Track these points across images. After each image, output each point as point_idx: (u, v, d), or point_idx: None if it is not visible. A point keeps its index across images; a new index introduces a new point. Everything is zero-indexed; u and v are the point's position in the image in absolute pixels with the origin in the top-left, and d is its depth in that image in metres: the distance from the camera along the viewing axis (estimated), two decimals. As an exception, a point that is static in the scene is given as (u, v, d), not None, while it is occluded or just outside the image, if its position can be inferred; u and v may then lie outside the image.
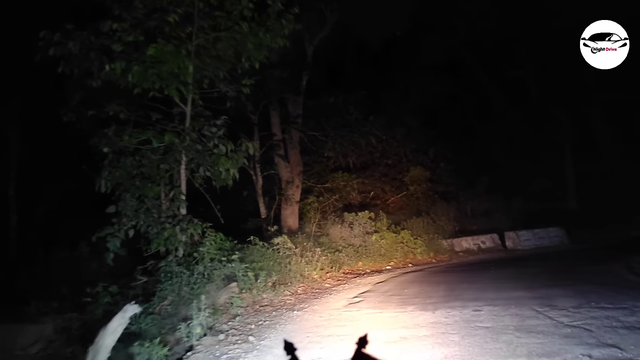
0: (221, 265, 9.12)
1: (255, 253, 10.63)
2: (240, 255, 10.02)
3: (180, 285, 8.41)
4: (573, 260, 13.10)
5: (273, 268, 10.44)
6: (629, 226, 19.79)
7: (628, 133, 24.79)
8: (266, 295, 9.38)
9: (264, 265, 10.21)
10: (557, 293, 8.15)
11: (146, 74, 8.76)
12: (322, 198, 18.04)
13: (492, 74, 25.36)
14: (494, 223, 22.47)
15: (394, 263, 15.39)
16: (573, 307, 7.08)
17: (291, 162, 17.43)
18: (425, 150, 25.59)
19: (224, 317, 7.88)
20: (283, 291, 9.84)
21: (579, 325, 6.15)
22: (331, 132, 16.15)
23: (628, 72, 20.76)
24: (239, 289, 8.93)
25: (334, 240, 16.39)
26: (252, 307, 8.70)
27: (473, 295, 8.60)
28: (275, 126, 17.25)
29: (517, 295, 8.26)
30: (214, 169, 10.35)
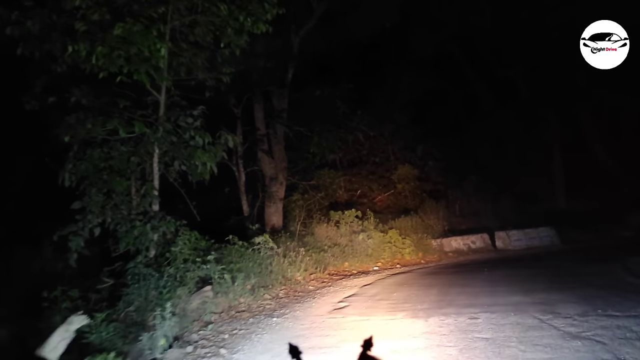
0: (195, 267, 8.30)
1: (233, 253, 9.81)
2: (217, 255, 9.21)
3: (147, 289, 7.57)
4: (567, 261, 12.49)
5: (253, 270, 9.63)
6: (620, 226, 19.36)
7: (616, 133, 24.45)
8: (244, 299, 8.58)
9: (242, 267, 9.39)
10: (558, 298, 7.49)
11: (112, 56, 7.89)
12: (307, 196, 17.24)
13: (482, 73, 24.79)
14: (482, 222, 21.87)
15: (381, 264, 14.67)
16: (579, 314, 6.42)
17: (275, 158, 16.61)
18: (414, 148, 24.93)
19: (195, 325, 7.08)
20: (263, 295, 9.05)
21: (589, 336, 5.48)
22: (317, 127, 15.35)
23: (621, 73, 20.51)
24: (213, 293, 8.12)
25: (320, 239, 15.63)
26: (227, 313, 7.90)
27: (467, 300, 7.90)
28: (259, 120, 16.40)
29: (515, 300, 7.58)
30: (190, 163, 9.53)
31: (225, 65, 10.43)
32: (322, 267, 12.79)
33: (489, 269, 11.79)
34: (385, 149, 24.47)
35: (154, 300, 7.44)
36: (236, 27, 9.84)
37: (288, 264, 11.35)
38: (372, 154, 24.38)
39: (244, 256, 9.83)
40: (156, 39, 8.31)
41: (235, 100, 16.08)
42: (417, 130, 24.23)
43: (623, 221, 19.72)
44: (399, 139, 24.39)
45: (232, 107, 16.01)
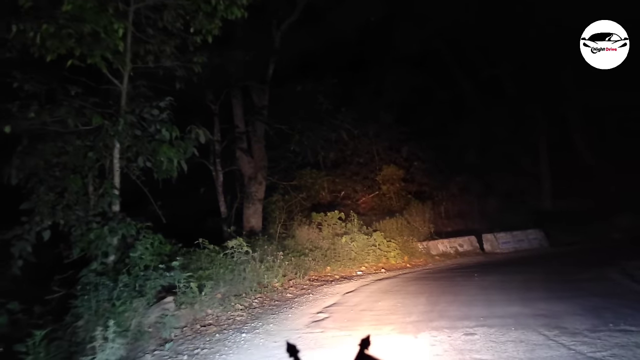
0: (157, 275, 7.30)
1: (203, 259, 8.83)
2: (184, 261, 8.23)
3: (98, 301, 6.55)
4: (561, 266, 11.73)
5: (224, 277, 8.65)
6: (608, 228, 18.81)
7: (603, 133, 23.96)
8: (212, 310, 7.59)
9: (212, 274, 8.42)
10: (561, 309, 6.67)
11: (60, 35, 6.87)
12: (288, 196, 16.26)
13: (468, 71, 24.11)
14: (469, 224, 21.20)
15: (365, 268, 13.80)
16: (588, 329, 5.59)
17: (255, 157, 15.64)
18: (399, 149, 24.17)
19: (150, 343, 6.09)
20: (234, 305, 8.07)
21: (606, 357, 4.63)
22: (298, 124, 14.41)
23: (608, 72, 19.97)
24: (176, 305, 7.12)
25: (301, 242, 14.71)
26: (191, 328, 6.91)
27: (460, 311, 7.02)
28: (237, 117, 15.42)
29: (514, 311, 6.73)
30: (155, 159, 8.53)
31: (196, 54, 9.45)
32: (302, 272, 11.86)
33: (480, 274, 10.98)
34: (370, 149, 23.66)
35: (106, 313, 6.43)
36: (208, 11, 8.88)
37: (265, 270, 10.39)
38: (356, 154, 23.55)
39: (214, 262, 8.85)
40: (112, 17, 7.30)
41: (212, 96, 15.10)
42: (402, 130, 23.47)
43: (611, 222, 19.17)
44: (384, 139, 23.59)
45: (209, 103, 15.02)
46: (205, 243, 9.17)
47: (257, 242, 12.14)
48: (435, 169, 24.01)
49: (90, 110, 7.65)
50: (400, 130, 23.33)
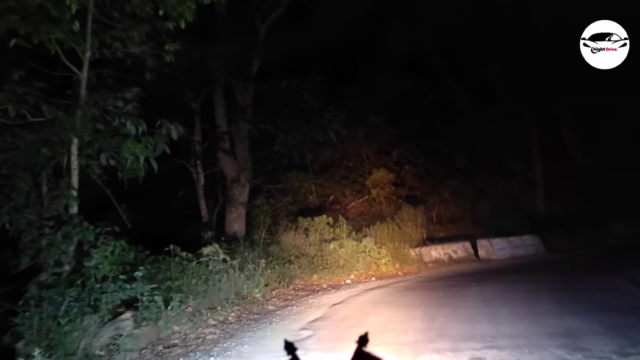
0: (116, 287, 6.29)
1: (173, 268, 7.80)
2: (151, 271, 7.24)
3: (42, 319, 5.53)
4: (564, 274, 10.86)
5: (196, 288, 7.64)
6: (604, 234, 18.09)
7: (595, 136, 23.31)
8: (179, 327, 6.57)
9: (183, 285, 7.40)
10: (578, 326, 5.76)
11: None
12: (273, 200, 15.25)
13: (459, 73, 23.35)
14: (462, 229, 20.36)
15: (354, 276, 12.85)
16: (616, 352, 4.71)
17: (238, 158, 14.64)
18: (389, 152, 23.33)
19: (99, 371, 5.07)
20: (206, 320, 7.05)
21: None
22: (283, 123, 13.45)
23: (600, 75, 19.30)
24: (136, 322, 6.09)
25: (286, 249, 13.74)
26: (151, 350, 5.87)
27: (463, 328, 6.09)
28: (219, 116, 14.43)
29: (524, 329, 5.82)
30: (120, 156, 7.53)
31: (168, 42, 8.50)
32: (286, 281, 10.91)
33: (478, 283, 10.07)
34: (359, 152, 22.79)
35: (50, 333, 5.41)
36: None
37: (245, 279, 9.40)
38: (345, 158, 22.68)
39: (186, 271, 7.82)
40: (63, -11, 6.32)
41: (192, 94, 14.12)
42: (392, 132, 22.65)
43: (606, 228, 18.45)
44: (374, 142, 22.74)
45: (189, 102, 14.04)
46: (176, 250, 8.14)
47: (237, 249, 11.15)
48: (426, 172, 23.22)
49: (34, 96, 6.61)
50: (390, 133, 22.51)
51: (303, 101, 13.33)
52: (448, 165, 23.45)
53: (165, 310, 6.52)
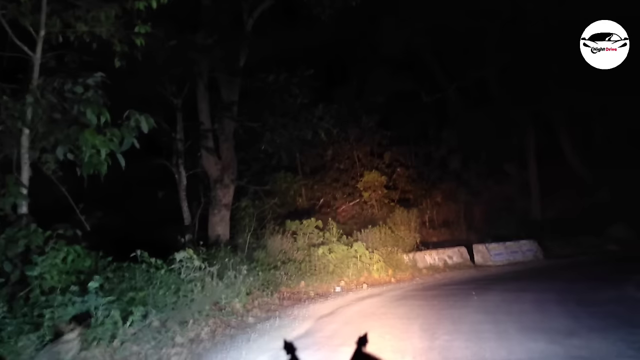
0: (65, 300, 5.31)
1: (138, 276, 6.79)
2: (111, 281, 6.25)
3: (-35, 341, 4.54)
4: (569, 282, 9.96)
5: (164, 299, 6.63)
6: (602, 239, 17.31)
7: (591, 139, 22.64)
8: (140, 347, 5.55)
9: (147, 296, 6.40)
10: (604, 348, 4.88)
11: None
12: (259, 202, 14.24)
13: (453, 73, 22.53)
14: (455, 234, 19.54)
15: (345, 283, 11.90)
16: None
17: (222, 158, 13.66)
18: (381, 154, 22.47)
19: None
20: (173, 337, 6.05)
21: None
22: (270, 120, 12.48)
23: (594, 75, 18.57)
24: (84, 342, 5.10)
25: (273, 253, 12.79)
26: (101, 377, 4.90)
27: (468, 348, 5.15)
28: (203, 113, 13.43)
29: (541, 350, 4.90)
30: (79, 150, 6.54)
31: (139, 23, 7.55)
32: (271, 289, 9.95)
33: (478, 292, 9.17)
34: (351, 154, 21.92)
35: (-25, 359, 4.42)
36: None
37: (224, 287, 8.43)
38: (336, 160, 21.80)
39: (152, 280, 6.81)
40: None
41: (174, 88, 13.13)
42: (384, 134, 21.80)
43: (604, 233, 17.67)
44: (365, 144, 21.88)
45: (170, 97, 13.05)
46: (144, 256, 7.14)
47: (218, 254, 10.17)
48: (419, 175, 22.39)
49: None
50: (382, 135, 21.65)
51: (291, 96, 12.37)
52: (441, 168, 22.67)
53: (123, 327, 5.53)
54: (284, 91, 12.19)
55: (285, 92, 12.19)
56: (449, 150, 22.59)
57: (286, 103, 12.40)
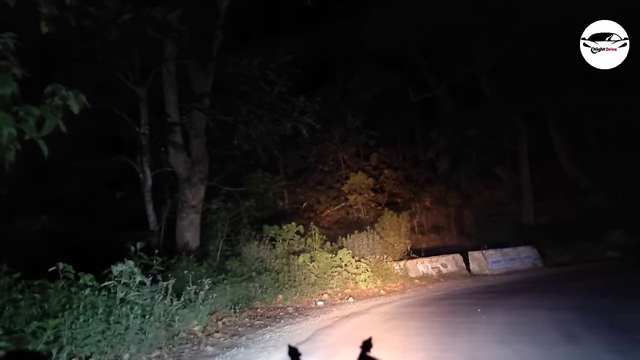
0: None
1: (53, 299, 5.06)
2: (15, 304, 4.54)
3: None
4: (584, 296, 8.42)
5: (86, 329, 4.91)
6: (602, 245, 15.93)
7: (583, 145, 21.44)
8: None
9: (61, 325, 4.68)
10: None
11: None
12: (232, 204, 12.49)
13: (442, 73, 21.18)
14: (446, 240, 18.07)
15: (328, 296, 10.29)
16: None
17: (193, 156, 11.98)
18: (367, 156, 20.98)
19: None
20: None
21: None
22: (243, 110, 10.79)
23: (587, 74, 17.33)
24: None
25: (248, 262, 11.12)
26: None
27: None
28: (170, 104, 11.73)
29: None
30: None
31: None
32: (241, 306, 8.30)
33: (483, 308, 7.60)
34: (336, 155, 20.41)
35: None
36: None
37: (180, 307, 6.75)
38: (320, 162, 20.25)
39: (72, 302, 5.09)
40: None
41: (138, 76, 11.44)
42: (371, 134, 20.32)
43: (602, 239, 16.31)
44: (351, 145, 20.37)
45: (131, 86, 11.34)
46: (67, 270, 5.41)
47: (179, 264, 8.48)
48: (407, 178, 20.93)
49: None
50: (369, 135, 20.16)
51: (267, 84, 10.71)
52: (431, 170, 21.25)
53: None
54: (259, 78, 10.52)
55: (260, 79, 10.52)
56: (438, 152, 21.17)
57: (262, 92, 10.73)
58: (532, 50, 18.53)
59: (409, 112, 22.51)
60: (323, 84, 19.33)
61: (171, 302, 6.72)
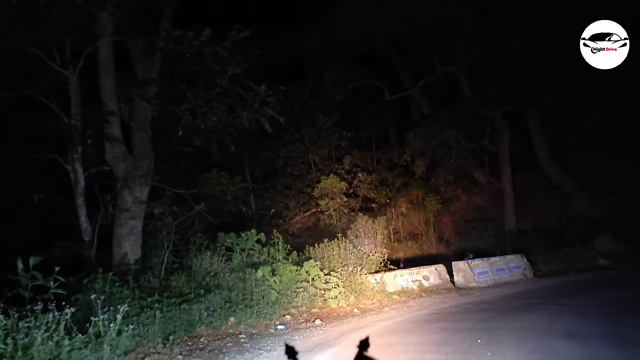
0: None
1: None
2: None
3: None
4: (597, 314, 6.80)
5: None
6: (591, 252, 14.53)
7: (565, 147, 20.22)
8: None
9: None
10: None
11: None
12: (179, 209, 10.40)
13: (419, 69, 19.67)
14: (423, 247, 16.38)
15: (291, 317, 8.39)
16: None
17: (135, 152, 9.96)
18: (340, 158, 19.23)
19: None
20: None
21: None
22: (188, 96, 8.78)
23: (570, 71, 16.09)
24: None
25: (198, 277, 9.17)
26: None
27: None
28: (106, 91, 9.66)
29: None
30: None
31: None
32: (177, 336, 6.34)
33: (483, 333, 5.86)
34: (306, 158, 18.57)
35: None
36: None
37: (80, 346, 4.76)
38: (289, 164, 18.39)
39: None
40: None
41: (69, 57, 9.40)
42: (344, 136, 18.60)
43: (590, 246, 14.90)
44: (322, 147, 18.58)
45: (59, 68, 9.29)
46: None
47: (94, 285, 6.46)
48: (382, 182, 19.25)
49: None
50: (341, 136, 18.43)
51: (218, 63, 8.75)
52: (407, 174, 19.62)
53: None
54: (208, 56, 8.57)
55: (209, 57, 8.58)
56: (414, 154, 19.56)
57: (211, 73, 8.78)
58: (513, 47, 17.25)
59: (383, 113, 20.96)
60: (292, 81, 17.57)
61: (66, 341, 4.73)
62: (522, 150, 18.65)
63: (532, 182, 18.71)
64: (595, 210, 16.80)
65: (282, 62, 18.31)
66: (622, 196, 15.63)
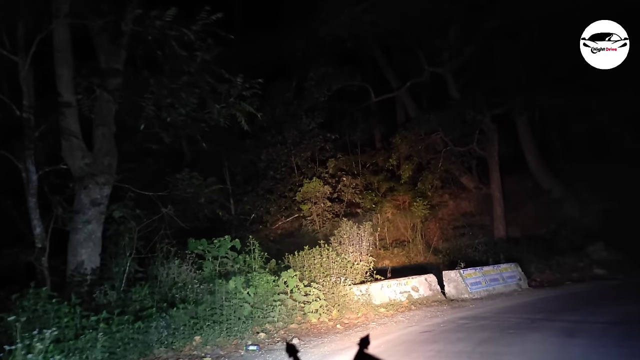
0: None
1: None
2: None
3: None
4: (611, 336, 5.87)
5: None
6: (585, 260, 13.72)
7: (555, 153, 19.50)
8: None
9: None
10: None
11: None
12: (143, 212, 9.25)
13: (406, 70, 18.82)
14: (410, 255, 15.40)
15: (265, 335, 7.35)
16: None
17: (95, 149, 8.84)
18: (324, 162, 18.23)
19: None
20: None
21: None
22: (151, 84, 7.71)
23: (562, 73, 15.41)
24: None
25: (164, 289, 8.07)
26: None
27: None
28: (62, 81, 8.55)
29: None
30: None
31: None
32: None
33: None
34: (288, 160, 17.53)
35: None
36: None
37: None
38: (271, 167, 17.31)
39: None
40: None
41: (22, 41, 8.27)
42: (328, 138, 17.64)
43: (584, 254, 14.10)
44: (305, 149, 17.56)
45: (7, 54, 8.15)
46: None
47: (22, 302, 5.31)
48: (367, 187, 18.29)
49: None
50: (325, 137, 17.46)
51: (185, 47, 7.69)
52: (393, 178, 18.70)
53: None
54: (173, 39, 7.51)
55: (175, 40, 7.52)
56: (400, 158, 18.66)
57: (178, 60, 7.72)
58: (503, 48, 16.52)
59: (369, 116, 20.04)
60: (275, 80, 16.57)
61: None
62: (510, 155, 17.85)
63: (520, 187, 17.94)
64: (586, 217, 16.07)
65: (265, 61, 17.31)
66: (613, 202, 14.95)
